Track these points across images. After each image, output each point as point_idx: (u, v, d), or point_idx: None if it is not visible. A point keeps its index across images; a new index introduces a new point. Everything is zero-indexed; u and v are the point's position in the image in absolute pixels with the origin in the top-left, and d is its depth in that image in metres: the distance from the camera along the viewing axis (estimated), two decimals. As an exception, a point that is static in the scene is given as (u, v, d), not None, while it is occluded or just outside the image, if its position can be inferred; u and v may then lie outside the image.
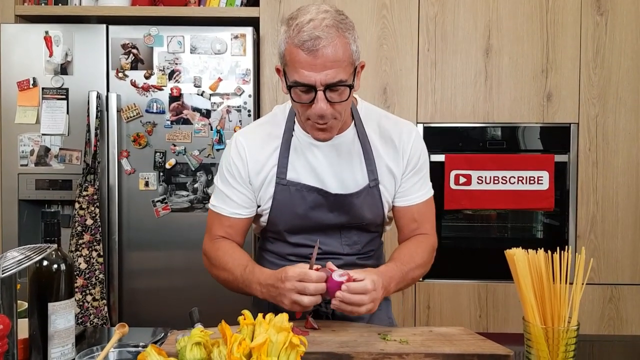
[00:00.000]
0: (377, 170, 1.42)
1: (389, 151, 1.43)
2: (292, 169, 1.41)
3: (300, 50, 1.22)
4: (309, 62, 1.22)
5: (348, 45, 1.25)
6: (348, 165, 1.42)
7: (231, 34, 2.49)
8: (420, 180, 1.47)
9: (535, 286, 1.05)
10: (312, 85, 1.24)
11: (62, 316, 1.09)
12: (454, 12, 2.59)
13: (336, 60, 1.22)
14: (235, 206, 1.44)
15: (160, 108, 2.49)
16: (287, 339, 0.91)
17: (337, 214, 1.42)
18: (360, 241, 1.49)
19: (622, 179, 2.59)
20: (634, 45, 2.57)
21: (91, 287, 2.40)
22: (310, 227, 1.44)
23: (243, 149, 1.42)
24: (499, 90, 2.59)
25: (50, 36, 2.49)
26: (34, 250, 0.97)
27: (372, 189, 1.42)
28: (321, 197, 1.41)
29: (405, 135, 1.44)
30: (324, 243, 1.45)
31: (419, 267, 1.41)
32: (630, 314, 2.58)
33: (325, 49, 1.21)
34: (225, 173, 1.44)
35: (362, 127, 1.43)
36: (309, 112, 1.28)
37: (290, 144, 1.41)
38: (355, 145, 1.42)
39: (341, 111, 1.31)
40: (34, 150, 2.49)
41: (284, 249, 1.50)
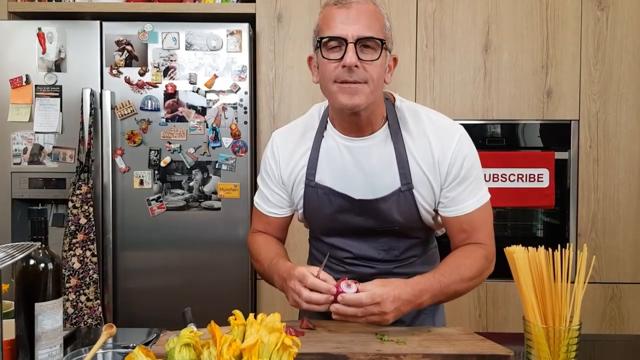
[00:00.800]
0: (412, 175, 1.34)
1: (425, 157, 1.34)
2: (320, 171, 1.39)
3: (334, 6, 1.26)
4: (342, 15, 1.24)
5: (381, 15, 1.28)
6: (378, 168, 1.36)
7: (227, 30, 2.45)
8: (467, 189, 1.35)
9: (535, 284, 1.02)
10: (343, 37, 1.23)
11: (50, 316, 1.07)
12: (452, 7, 2.56)
13: (368, 16, 1.24)
14: (271, 205, 1.48)
15: (155, 105, 2.46)
16: (279, 340, 0.87)
17: (365, 217, 1.38)
18: (398, 247, 1.43)
19: (623, 176, 2.56)
20: (635, 40, 2.54)
21: (85, 287, 2.36)
22: (342, 230, 1.42)
23: (277, 149, 1.45)
24: (499, 87, 2.56)
25: (44, 33, 2.46)
26: (17, 248, 0.94)
27: (404, 192, 1.35)
28: (347, 202, 1.37)
29: (446, 141, 1.34)
30: (359, 248, 1.42)
31: (464, 281, 1.31)
32: (632, 313, 2.55)
33: (358, 5, 1.25)
34: (262, 172, 1.50)
35: (397, 127, 1.35)
36: (337, 70, 1.24)
37: (320, 145, 1.40)
38: (388, 146, 1.36)
39: (372, 74, 1.25)
40: (27, 149, 2.46)
41: (323, 249, 1.48)
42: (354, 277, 1.29)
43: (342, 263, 1.45)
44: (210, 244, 2.48)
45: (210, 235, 2.48)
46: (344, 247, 1.43)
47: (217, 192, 2.47)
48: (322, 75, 1.30)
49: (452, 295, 1.32)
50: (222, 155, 2.47)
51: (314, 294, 1.19)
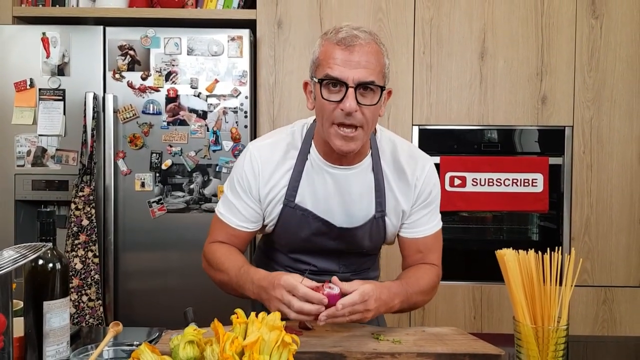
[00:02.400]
0: (386, 203, 1.42)
1: (400, 184, 1.43)
2: (301, 193, 1.40)
3: (337, 46, 1.24)
4: (345, 58, 1.23)
5: (382, 55, 1.28)
6: (358, 197, 1.41)
7: (228, 36, 2.50)
8: (428, 214, 1.46)
9: (525, 286, 1.06)
10: (344, 81, 1.23)
11: (57, 315, 1.10)
12: (449, 15, 2.60)
13: (370, 61, 1.24)
14: (242, 219, 1.44)
15: (157, 109, 2.50)
16: (279, 338, 0.91)
17: (339, 242, 1.45)
18: (357, 262, 1.53)
19: (616, 181, 2.60)
20: (628, 48, 2.59)
21: (87, 288, 2.40)
22: (311, 250, 1.47)
23: (257, 165, 1.41)
24: (494, 93, 2.61)
25: (48, 37, 2.50)
26: (29, 248, 0.98)
27: (377, 219, 1.42)
28: (325, 227, 1.42)
29: (418, 170, 1.43)
30: (322, 263, 1.49)
31: (422, 293, 1.40)
32: (624, 315, 2.60)
33: (361, 47, 1.23)
34: (236, 184, 1.43)
35: (378, 159, 1.42)
36: (336, 112, 1.26)
37: (303, 167, 1.40)
38: (368, 176, 1.41)
39: (368, 118, 1.27)
40: (31, 151, 2.50)
41: (283, 260, 1.52)
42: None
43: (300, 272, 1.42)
44: (210, 245, 2.51)
45: (210, 237, 2.51)
46: (308, 261, 1.49)
47: (217, 195, 2.51)
48: (320, 112, 1.30)
49: (413, 305, 1.39)
50: (222, 159, 2.51)
51: (306, 305, 1.17)
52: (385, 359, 1.17)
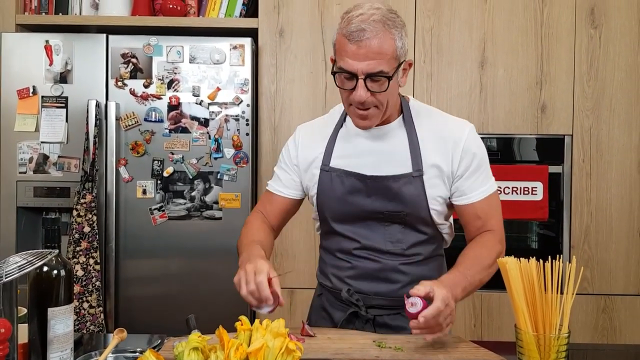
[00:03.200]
0: (423, 164, 1.42)
1: (439, 148, 1.43)
2: (336, 156, 1.48)
3: (346, 40, 1.31)
4: (353, 52, 1.30)
5: (393, 40, 1.32)
6: (391, 152, 1.44)
7: (230, 45, 2.52)
8: (478, 177, 1.45)
9: (527, 294, 1.07)
10: (354, 73, 1.31)
11: (61, 321, 1.11)
12: (449, 24, 2.63)
13: (379, 53, 1.30)
14: (281, 185, 1.57)
15: (159, 117, 2.51)
16: (283, 345, 0.92)
17: (375, 198, 1.43)
18: (405, 240, 1.47)
19: (615, 190, 2.62)
20: (627, 58, 2.61)
21: (88, 294, 2.40)
22: (352, 215, 1.46)
23: (299, 136, 1.56)
24: (494, 102, 2.63)
25: (51, 45, 2.52)
26: (35, 255, 0.99)
27: (415, 178, 1.42)
28: (358, 182, 1.44)
29: (457, 134, 1.43)
30: (366, 237, 1.47)
31: (485, 269, 1.38)
32: (624, 324, 2.60)
33: (369, 41, 1.29)
34: (281, 157, 1.59)
35: (411, 121, 1.45)
36: (350, 98, 1.35)
37: (338, 133, 1.50)
38: (401, 135, 1.44)
39: (382, 101, 1.35)
40: (33, 158, 2.51)
41: (332, 243, 1.53)
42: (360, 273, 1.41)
43: (349, 255, 1.49)
44: (211, 253, 2.53)
45: (211, 244, 2.52)
46: (353, 236, 1.47)
47: (218, 202, 2.52)
48: (340, 94, 1.40)
49: (478, 284, 1.38)
50: (223, 166, 2.52)
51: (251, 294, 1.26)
52: (388, 366, 1.17)
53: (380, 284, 1.46)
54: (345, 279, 1.49)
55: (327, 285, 1.55)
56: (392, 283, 1.46)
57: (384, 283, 1.46)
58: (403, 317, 1.43)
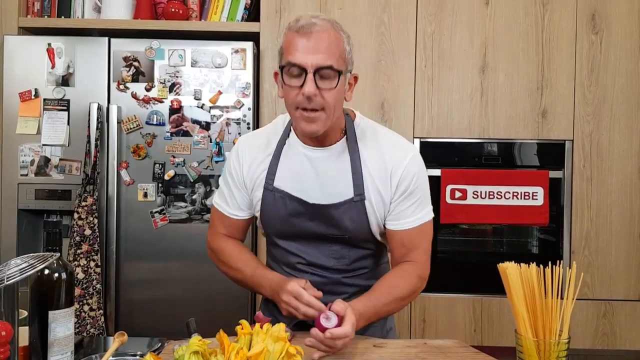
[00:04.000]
0: (365, 187, 1.41)
1: (378, 170, 1.42)
2: (279, 176, 1.45)
3: (296, 34, 1.31)
4: (303, 45, 1.29)
5: (341, 41, 1.33)
6: (334, 176, 1.43)
7: (232, 48, 2.52)
8: (412, 205, 1.43)
9: (527, 299, 1.07)
10: (303, 66, 1.29)
11: (62, 324, 1.11)
12: (450, 29, 2.63)
13: (328, 47, 1.29)
14: (234, 207, 1.52)
15: (160, 120, 2.52)
16: (283, 349, 0.92)
17: (317, 222, 1.44)
18: (349, 256, 1.48)
19: (616, 195, 2.62)
20: (628, 64, 2.61)
21: (88, 297, 2.41)
22: (295, 234, 1.47)
23: (243, 152, 1.50)
24: (495, 106, 2.63)
25: (53, 48, 2.52)
26: (37, 258, 0.99)
27: (357, 202, 1.41)
28: (300, 206, 1.43)
29: (399, 157, 1.42)
30: (309, 254, 1.47)
31: (396, 300, 1.40)
32: (624, 329, 2.60)
33: (319, 34, 1.29)
34: (226, 173, 1.53)
35: (355, 143, 1.43)
36: (298, 97, 1.31)
37: (281, 152, 1.46)
38: (344, 158, 1.43)
39: (330, 102, 1.31)
40: (34, 161, 2.51)
41: (278, 255, 1.53)
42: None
43: (294, 270, 1.49)
44: (212, 256, 2.52)
45: (211, 247, 2.52)
46: (297, 252, 1.48)
47: (219, 206, 2.52)
48: (285, 98, 1.37)
49: (385, 315, 1.41)
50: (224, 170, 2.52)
51: (309, 310, 1.28)
52: (388, 371, 1.17)
53: (325, 295, 1.42)
54: None
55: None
56: (337, 295, 1.45)
57: (329, 295, 1.43)
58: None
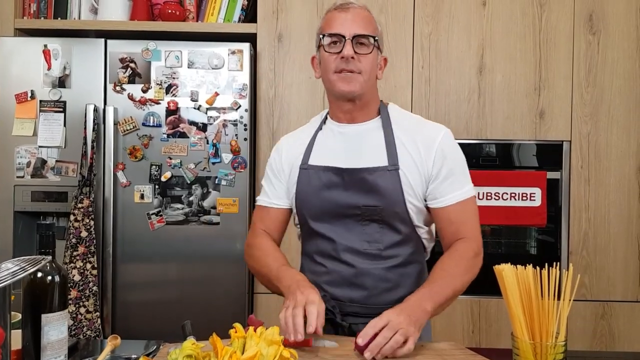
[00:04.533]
0: (399, 158, 1.44)
1: (413, 146, 1.45)
2: (315, 155, 1.52)
3: (334, 11, 1.47)
4: (341, 17, 1.44)
5: (374, 21, 1.48)
6: (368, 147, 1.47)
7: (228, 50, 2.52)
8: (452, 181, 1.45)
9: (523, 302, 1.07)
10: (342, 34, 1.42)
11: (55, 327, 1.10)
12: (448, 30, 2.63)
13: (363, 19, 1.45)
14: (273, 196, 1.58)
15: (157, 121, 2.51)
16: (277, 353, 0.92)
17: (352, 192, 1.44)
18: (382, 240, 1.45)
19: (614, 196, 2.61)
20: (625, 64, 2.61)
21: (85, 299, 2.40)
22: (329, 212, 1.46)
23: (281, 145, 1.61)
24: (492, 107, 2.62)
25: (49, 49, 2.52)
26: (28, 261, 0.98)
27: (391, 172, 1.43)
28: (335, 176, 1.46)
29: (432, 135, 1.46)
30: (343, 236, 1.47)
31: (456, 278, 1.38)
32: (622, 331, 2.59)
33: (355, 10, 1.46)
34: (267, 169, 1.62)
35: (389, 122, 1.49)
36: (336, 61, 1.42)
37: (317, 135, 1.55)
38: (378, 133, 1.48)
39: (365, 66, 1.43)
40: (31, 162, 2.51)
41: (311, 246, 1.54)
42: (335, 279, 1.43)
43: (325, 259, 1.49)
44: (209, 258, 2.52)
45: (208, 249, 2.52)
46: (331, 235, 1.47)
47: (216, 207, 2.51)
48: (324, 68, 1.47)
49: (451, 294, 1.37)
50: (221, 171, 2.51)
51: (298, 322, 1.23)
52: (383, 373, 1.17)
53: (355, 290, 1.45)
54: (322, 284, 1.49)
55: None
56: (367, 289, 1.45)
57: (359, 290, 1.45)
58: None
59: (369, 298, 1.45)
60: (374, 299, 1.44)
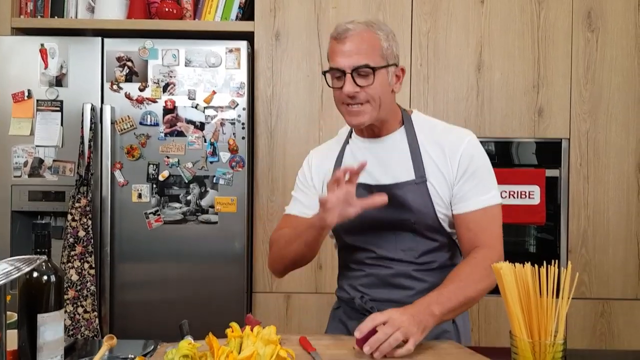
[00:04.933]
0: (425, 169, 1.44)
1: (438, 153, 1.45)
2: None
3: (334, 40, 1.43)
4: (340, 50, 1.40)
5: (377, 40, 1.41)
6: (394, 160, 1.48)
7: (226, 48, 2.51)
8: (475, 187, 1.43)
9: (522, 300, 1.06)
10: (341, 69, 1.39)
11: (51, 327, 1.09)
12: (446, 28, 2.62)
13: (362, 48, 1.39)
14: (302, 207, 1.58)
15: (154, 120, 2.50)
16: (274, 352, 0.91)
17: (383, 208, 1.41)
18: (417, 248, 1.46)
19: (613, 193, 2.61)
20: (624, 61, 2.60)
21: (82, 299, 2.39)
22: (362, 225, 1.46)
23: (312, 159, 1.62)
24: (491, 105, 2.62)
25: (46, 48, 2.50)
26: (23, 261, 0.97)
27: (419, 185, 1.43)
28: (365, 192, 1.45)
29: (456, 140, 1.46)
30: (378, 245, 1.48)
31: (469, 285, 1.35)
32: (622, 328, 2.59)
33: (352, 37, 1.39)
34: (297, 182, 1.64)
35: (413, 131, 1.49)
36: (342, 95, 1.42)
37: (345, 150, 1.57)
38: (403, 144, 1.49)
39: (373, 95, 1.40)
40: (28, 162, 2.50)
41: (347, 256, 1.56)
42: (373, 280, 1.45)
43: (362, 265, 1.51)
44: (207, 257, 2.51)
45: (207, 248, 2.51)
46: (365, 246, 1.50)
47: (214, 206, 2.50)
48: (333, 97, 1.47)
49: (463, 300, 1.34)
50: (219, 170, 2.50)
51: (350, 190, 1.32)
52: (382, 372, 1.16)
53: (393, 290, 1.47)
54: (358, 287, 1.51)
55: (343, 297, 1.56)
56: (405, 289, 1.46)
57: (397, 289, 1.46)
58: None
59: (407, 298, 1.43)
60: (412, 299, 1.40)
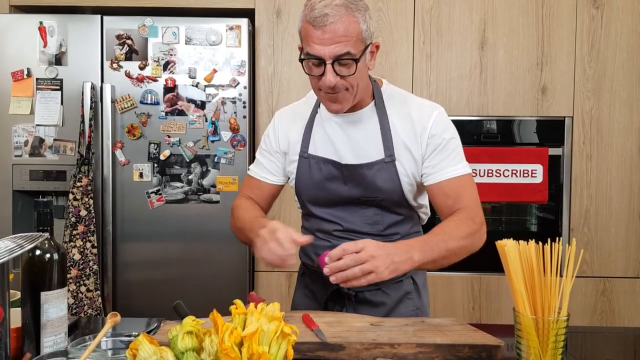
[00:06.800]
0: (395, 147, 1.43)
1: (407, 130, 1.44)
2: (313, 143, 1.50)
3: (311, 26, 1.32)
4: (319, 37, 1.31)
5: (357, 23, 1.32)
6: (364, 139, 1.46)
7: (226, 25, 2.48)
8: (447, 158, 1.43)
9: (525, 277, 1.06)
10: (321, 58, 1.32)
11: (55, 305, 1.10)
12: (449, 5, 2.59)
13: (344, 36, 1.30)
14: (265, 172, 1.58)
15: (155, 99, 2.48)
16: (278, 328, 0.91)
17: (351, 185, 1.46)
18: (382, 221, 1.49)
19: (615, 172, 2.60)
20: (629, 39, 2.58)
21: (85, 278, 2.40)
22: (329, 200, 1.49)
23: (278, 124, 1.57)
24: (494, 83, 2.60)
25: (45, 26, 2.48)
26: (26, 239, 0.97)
27: (388, 164, 1.44)
28: (335, 169, 1.46)
29: (426, 115, 1.44)
30: (345, 219, 1.49)
31: (452, 238, 1.34)
32: (623, 306, 2.60)
33: (333, 25, 1.30)
34: (262, 144, 1.60)
35: (383, 106, 1.46)
36: (320, 84, 1.36)
37: (314, 121, 1.51)
38: (373, 121, 1.46)
39: (352, 83, 1.35)
40: (28, 141, 2.49)
41: (312, 224, 1.55)
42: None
43: (329, 235, 1.51)
44: (209, 236, 2.52)
45: (208, 227, 2.51)
46: (331, 218, 1.50)
47: (215, 186, 2.50)
48: (310, 81, 1.41)
49: (446, 253, 1.33)
50: (220, 149, 2.50)
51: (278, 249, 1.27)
52: (385, 349, 1.16)
53: None
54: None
55: (309, 264, 1.57)
56: None
57: None
58: (383, 293, 1.50)
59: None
60: None
